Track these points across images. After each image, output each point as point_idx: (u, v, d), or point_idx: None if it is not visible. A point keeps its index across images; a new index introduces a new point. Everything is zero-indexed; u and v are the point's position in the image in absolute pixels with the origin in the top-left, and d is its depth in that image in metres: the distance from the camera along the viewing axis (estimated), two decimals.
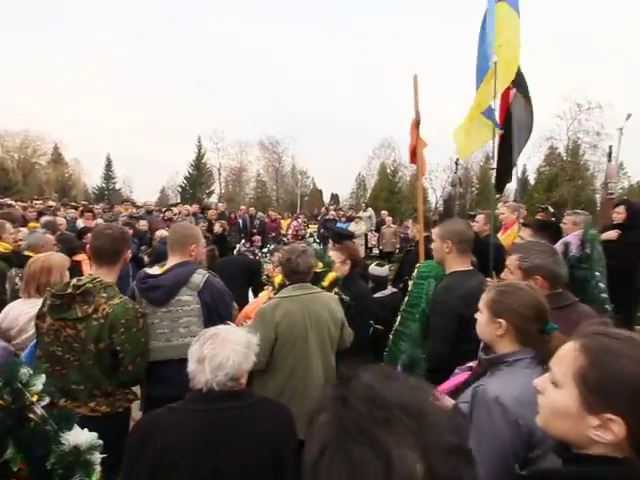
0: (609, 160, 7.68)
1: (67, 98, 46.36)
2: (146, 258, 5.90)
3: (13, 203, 8.21)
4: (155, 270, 2.18)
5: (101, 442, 1.26)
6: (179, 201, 27.50)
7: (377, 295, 3.39)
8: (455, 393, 1.51)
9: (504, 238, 3.99)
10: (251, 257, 5.18)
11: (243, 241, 8.12)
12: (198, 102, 48.46)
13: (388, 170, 36.15)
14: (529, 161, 29.81)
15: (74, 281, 1.92)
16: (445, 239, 2.23)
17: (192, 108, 47.09)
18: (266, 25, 50.60)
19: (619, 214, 3.88)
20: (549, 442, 0.95)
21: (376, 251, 11.89)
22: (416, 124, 3.18)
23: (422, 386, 0.53)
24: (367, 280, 3.60)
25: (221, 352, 1.27)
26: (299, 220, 11.21)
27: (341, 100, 49.10)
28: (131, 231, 6.01)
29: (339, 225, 11.05)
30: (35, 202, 8.12)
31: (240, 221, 9.94)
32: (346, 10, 50.04)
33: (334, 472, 0.46)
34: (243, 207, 12.47)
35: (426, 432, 0.46)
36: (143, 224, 7.40)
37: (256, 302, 2.96)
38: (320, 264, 2.70)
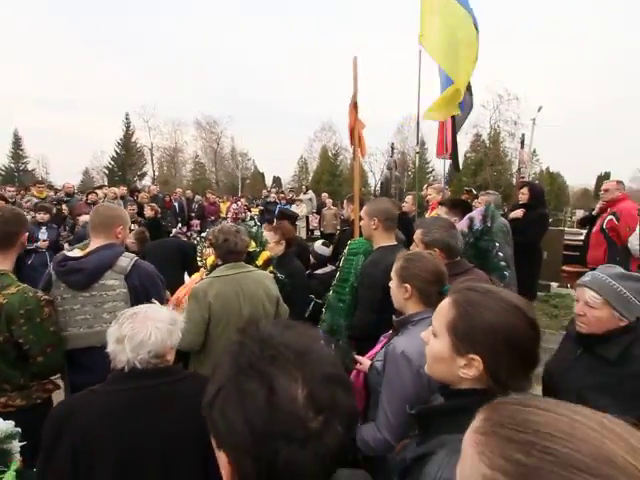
0: (522, 147, 8.61)
1: None
2: (67, 245, 5.41)
3: None
4: (75, 252, 2.04)
5: (19, 430, 1.19)
6: (105, 183, 25.19)
7: (318, 272, 3.52)
8: None
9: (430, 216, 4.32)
10: (184, 240, 4.99)
11: (180, 225, 7.75)
12: (125, 75, 44.03)
13: (329, 153, 36.55)
14: (458, 147, 31.92)
15: None
16: (372, 217, 2.38)
17: (119, 81, 42.86)
18: (208, 4, 46.97)
19: (523, 195, 4.39)
20: None
21: (317, 233, 12.09)
22: (354, 105, 3.27)
23: (310, 332, 0.61)
24: (308, 258, 3.70)
25: (142, 330, 1.25)
26: (239, 203, 10.93)
27: (281, 82, 48.08)
28: (47, 217, 5.46)
29: (280, 207, 11.03)
30: None
31: (176, 204, 9.41)
32: None
33: (227, 405, 0.52)
34: (179, 190, 11.83)
35: (308, 365, 0.53)
36: (64, 208, 6.76)
37: (188, 285, 2.90)
38: (253, 244, 2.71)
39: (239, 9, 47.19)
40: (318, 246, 3.68)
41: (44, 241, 5.05)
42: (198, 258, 6.02)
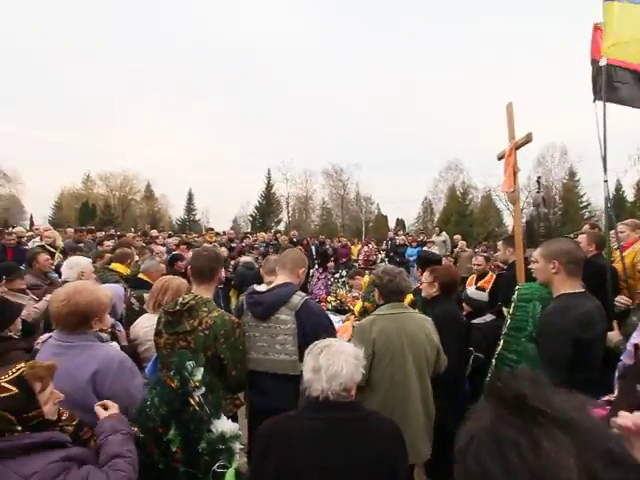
0: None
1: (154, 140, 52.40)
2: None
3: (117, 234, 9.53)
4: (262, 287, 2.36)
5: (241, 433, 1.36)
6: (250, 229, 29.39)
7: (476, 321, 3.19)
8: None
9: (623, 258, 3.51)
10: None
11: (316, 267, 8.32)
12: (266, 136, 51.43)
13: (457, 193, 34.78)
14: (625, 175, 26.50)
15: (180, 299, 2.16)
16: (551, 259, 2.09)
17: (260, 142, 50.38)
18: (324, 54, 51.94)
19: None
20: None
21: None
22: (514, 149, 3.05)
23: (579, 399, 0.54)
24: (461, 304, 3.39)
25: (336, 362, 1.33)
26: (370, 246, 11.18)
27: (403, 124, 48.82)
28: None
29: (410, 250, 10.81)
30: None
31: (313, 247, 10.26)
32: (402, 34, 50.35)
33: (483, 452, 0.49)
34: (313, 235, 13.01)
35: (581, 435, 0.46)
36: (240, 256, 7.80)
37: (341, 330, 2.98)
38: None
39: (353, 55, 50.11)
40: (472, 291, 3.34)
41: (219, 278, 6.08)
42: (331, 297, 6.29)
